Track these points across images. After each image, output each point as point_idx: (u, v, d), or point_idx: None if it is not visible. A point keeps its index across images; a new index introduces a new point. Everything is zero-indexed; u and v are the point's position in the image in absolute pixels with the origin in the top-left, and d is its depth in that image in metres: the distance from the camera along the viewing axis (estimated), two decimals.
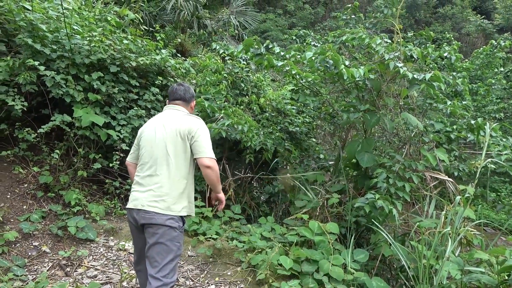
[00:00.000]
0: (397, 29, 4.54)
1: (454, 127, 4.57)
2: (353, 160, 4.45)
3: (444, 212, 3.59)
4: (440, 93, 5.18)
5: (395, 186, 3.85)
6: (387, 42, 4.74)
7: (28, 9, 4.41)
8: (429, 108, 4.98)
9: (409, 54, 4.34)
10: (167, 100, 2.80)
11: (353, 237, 3.69)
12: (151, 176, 2.49)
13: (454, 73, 6.21)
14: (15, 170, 4.15)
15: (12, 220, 3.78)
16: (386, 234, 3.34)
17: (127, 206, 2.55)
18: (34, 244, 3.65)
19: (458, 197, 3.56)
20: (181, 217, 2.50)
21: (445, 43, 9.30)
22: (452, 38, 11.29)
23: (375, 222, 3.55)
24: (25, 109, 4.13)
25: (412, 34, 7.24)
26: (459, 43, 9.33)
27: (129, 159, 2.80)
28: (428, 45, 5.99)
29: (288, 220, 4.50)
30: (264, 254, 3.52)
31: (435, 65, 7.12)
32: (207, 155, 2.47)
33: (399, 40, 4.47)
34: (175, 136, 2.49)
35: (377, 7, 6.47)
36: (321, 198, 4.36)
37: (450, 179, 4.02)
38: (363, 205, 3.72)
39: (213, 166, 2.49)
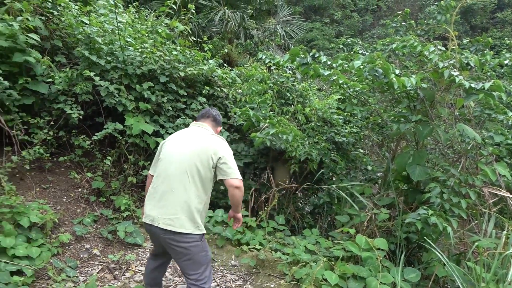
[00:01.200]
0: (452, 36, 4.32)
1: None
2: (404, 172, 4.26)
3: (505, 232, 3.32)
4: (500, 103, 4.85)
5: (450, 202, 3.62)
6: (441, 49, 4.52)
7: (86, 23, 4.67)
8: (488, 119, 4.67)
9: (465, 62, 4.10)
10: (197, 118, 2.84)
11: (403, 255, 3.51)
12: (166, 192, 2.46)
13: None
14: (71, 175, 4.37)
15: (66, 223, 3.98)
16: (440, 253, 3.13)
17: (144, 220, 2.54)
18: (85, 246, 3.80)
19: None
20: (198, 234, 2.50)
21: (505, 50, 8.73)
22: None
23: (427, 239, 3.34)
24: (81, 117, 4.36)
25: (468, 40, 6.88)
26: None
27: (150, 171, 2.76)
28: (486, 52, 5.65)
29: (333, 233, 4.37)
30: (309, 268, 3.43)
31: (493, 73, 6.69)
32: (236, 176, 2.47)
33: (454, 47, 4.24)
34: (197, 156, 2.47)
35: (429, 14, 6.21)
36: (369, 212, 4.20)
37: None
38: (414, 221, 3.54)
39: (241, 187, 2.50)
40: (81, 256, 3.67)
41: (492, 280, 2.99)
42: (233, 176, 2.46)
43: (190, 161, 2.46)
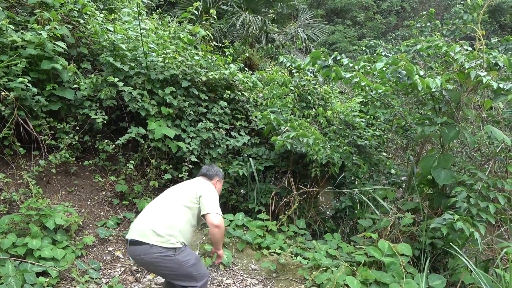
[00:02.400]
0: (479, 35, 4.18)
1: None
2: (429, 176, 4.14)
3: None
4: None
5: (477, 206, 3.49)
6: (467, 49, 4.39)
7: (110, 31, 4.80)
8: None
9: (493, 62, 3.96)
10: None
11: (428, 261, 3.41)
12: None
13: None
14: (95, 178, 4.47)
15: (90, 225, 4.07)
16: (467, 260, 3.02)
17: None
18: (109, 249, 3.88)
19: None
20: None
21: None
22: None
23: (453, 245, 3.23)
24: (105, 122, 4.46)
25: (496, 40, 6.65)
26: None
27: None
28: None
29: (355, 238, 4.30)
30: (330, 273, 3.37)
31: None
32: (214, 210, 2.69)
33: (481, 47, 4.11)
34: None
35: (455, 13, 6.05)
36: (392, 216, 4.10)
37: None
38: (440, 226, 3.42)
39: (221, 225, 2.68)
40: (104, 258, 3.74)
41: None
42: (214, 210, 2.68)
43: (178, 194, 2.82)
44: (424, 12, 6.26)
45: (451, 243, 3.39)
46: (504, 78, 4.86)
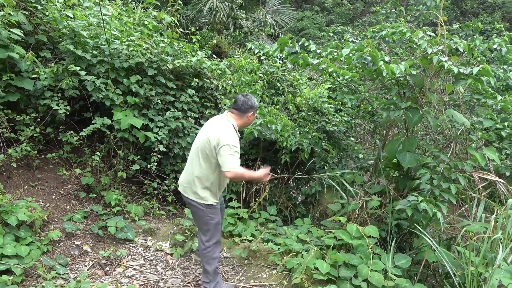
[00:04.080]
0: (441, 21, 4.29)
1: (506, 123, 4.25)
2: (394, 160, 4.26)
3: (494, 216, 3.34)
4: (489, 88, 4.85)
5: (439, 187, 3.63)
6: (430, 35, 4.49)
7: (70, 17, 4.59)
8: (477, 104, 4.67)
9: (454, 47, 4.08)
10: None
11: (394, 241, 3.53)
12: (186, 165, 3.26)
13: (505, 66, 5.79)
14: (60, 171, 4.32)
15: (56, 220, 3.94)
16: (430, 239, 3.15)
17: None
18: (76, 243, 3.78)
19: (510, 200, 3.30)
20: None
21: (495, 35, 8.72)
22: (503, 29, 10.57)
23: (417, 226, 3.35)
24: (68, 113, 4.30)
25: (457, 26, 6.85)
26: (511, 33, 8.72)
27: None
28: (475, 37, 5.64)
29: (325, 222, 4.38)
30: (300, 258, 3.44)
31: (484, 58, 6.68)
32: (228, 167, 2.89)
33: (443, 33, 4.22)
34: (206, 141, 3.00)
35: (419, 0, 6.18)
36: (360, 200, 4.20)
37: (501, 180, 3.75)
38: (405, 208, 3.55)
39: (236, 174, 2.91)
40: (72, 253, 3.65)
41: (482, 264, 3.02)
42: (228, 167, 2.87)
43: (200, 145, 3.02)
44: None
45: (415, 224, 3.52)
46: (465, 63, 5.03)
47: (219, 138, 2.89)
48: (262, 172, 3.07)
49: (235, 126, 3.07)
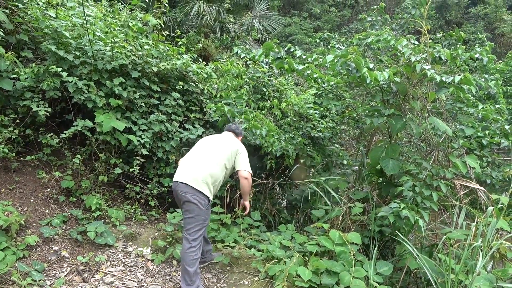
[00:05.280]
0: (424, 30, 4.35)
1: (487, 132, 4.31)
2: (378, 166, 4.28)
3: (475, 223, 3.37)
4: (471, 96, 4.92)
5: (422, 194, 3.66)
6: (414, 43, 4.55)
7: (53, 17, 4.50)
8: (459, 112, 4.73)
9: (437, 56, 4.13)
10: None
11: (376, 248, 3.53)
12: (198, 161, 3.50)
13: (487, 75, 5.90)
14: (39, 174, 4.22)
15: (34, 224, 3.84)
16: (411, 247, 3.15)
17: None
18: (54, 248, 3.68)
19: (490, 207, 3.34)
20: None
21: (478, 44, 8.90)
22: (485, 39, 10.81)
23: (399, 233, 3.36)
24: (49, 115, 4.21)
25: (441, 35, 6.97)
26: (493, 44, 8.92)
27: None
28: (458, 46, 5.73)
29: (309, 228, 4.37)
30: (282, 264, 3.40)
31: (467, 67, 6.80)
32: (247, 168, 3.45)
33: (426, 42, 4.27)
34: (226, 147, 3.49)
35: (405, 8, 6.25)
36: (344, 206, 4.20)
37: (482, 188, 3.79)
38: (387, 215, 3.55)
39: (249, 179, 3.49)
40: (49, 258, 3.55)
41: (462, 271, 3.03)
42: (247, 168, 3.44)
43: (221, 149, 3.45)
44: (375, 7, 6.43)
45: (398, 231, 3.53)
46: (448, 72, 5.11)
47: (238, 148, 3.49)
48: (248, 205, 3.76)
49: None
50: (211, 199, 3.36)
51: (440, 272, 3.16)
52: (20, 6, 4.44)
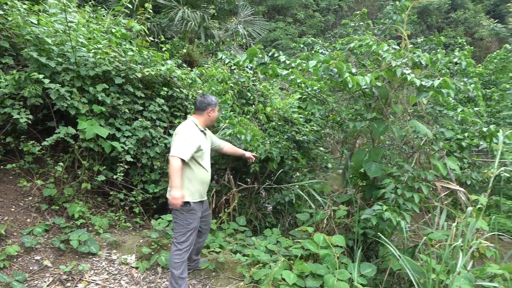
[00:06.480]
0: (404, 35, 4.44)
1: (466, 134, 4.42)
2: (361, 169, 4.33)
3: (455, 224, 3.44)
4: (452, 99, 5.04)
5: (403, 197, 3.72)
6: (395, 48, 4.63)
7: (34, 23, 4.45)
8: (439, 115, 4.84)
9: (417, 60, 4.22)
10: None
11: (360, 250, 3.57)
12: None
13: (465, 79, 6.05)
14: (20, 183, 4.15)
15: (15, 234, 3.77)
16: (393, 248, 3.20)
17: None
18: (36, 258, 3.62)
19: (469, 208, 3.41)
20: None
21: (458, 48, 9.11)
22: (465, 43, 11.07)
23: (381, 235, 3.41)
24: (30, 122, 4.15)
25: (422, 39, 7.11)
26: (472, 48, 9.13)
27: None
28: (438, 50, 5.85)
29: (294, 232, 4.39)
30: (268, 269, 3.42)
31: (447, 71, 6.95)
32: (172, 153, 3.14)
33: (407, 46, 4.36)
34: None
35: (387, 14, 6.38)
36: (328, 209, 4.24)
37: (462, 189, 3.87)
38: (370, 217, 3.60)
39: (172, 163, 3.10)
40: (31, 268, 3.49)
41: (443, 270, 3.09)
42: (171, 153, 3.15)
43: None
44: (358, 12, 6.53)
45: (381, 233, 3.58)
46: (428, 76, 5.22)
47: (176, 131, 3.28)
48: (179, 193, 3.11)
49: (195, 122, 3.42)
50: (191, 200, 3.25)
51: (422, 272, 3.21)
52: (1, 12, 4.38)
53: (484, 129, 4.23)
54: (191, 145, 3.19)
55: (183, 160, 3.12)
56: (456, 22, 24.14)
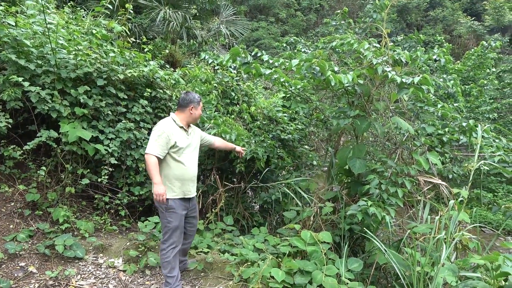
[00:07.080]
0: (384, 34, 4.51)
1: (446, 129, 4.52)
2: (346, 166, 4.39)
3: (438, 217, 3.53)
4: (433, 95, 5.14)
5: (387, 192, 3.78)
6: (375, 46, 4.71)
7: (12, 25, 4.36)
8: (420, 111, 4.94)
9: (397, 58, 4.30)
10: None
11: (347, 246, 3.62)
12: None
13: (445, 76, 6.19)
14: (1, 188, 4.06)
15: None
16: (378, 242, 3.26)
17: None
18: (20, 264, 3.55)
19: (451, 201, 3.50)
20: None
21: (437, 46, 9.31)
22: (444, 41, 11.32)
23: (367, 230, 3.47)
24: (10, 126, 4.06)
25: (402, 37, 7.23)
26: (451, 45, 9.35)
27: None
28: (418, 48, 5.97)
29: (281, 230, 4.42)
30: (256, 267, 3.44)
31: (428, 68, 7.09)
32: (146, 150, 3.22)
33: (387, 44, 4.44)
34: None
35: (368, 12, 6.47)
36: (314, 206, 4.29)
37: (443, 183, 3.97)
38: (355, 213, 3.65)
39: (147, 160, 3.20)
40: (16, 275, 3.42)
41: (428, 263, 3.16)
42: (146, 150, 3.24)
43: None
44: (339, 11, 6.61)
45: (367, 228, 3.64)
46: (409, 73, 5.32)
47: (152, 130, 3.33)
48: (161, 188, 3.19)
49: (174, 118, 3.43)
50: (169, 197, 3.26)
51: (408, 265, 3.28)
52: None
53: (464, 124, 4.34)
54: (164, 142, 3.23)
55: (159, 157, 3.21)
56: (435, 20, 24.64)
